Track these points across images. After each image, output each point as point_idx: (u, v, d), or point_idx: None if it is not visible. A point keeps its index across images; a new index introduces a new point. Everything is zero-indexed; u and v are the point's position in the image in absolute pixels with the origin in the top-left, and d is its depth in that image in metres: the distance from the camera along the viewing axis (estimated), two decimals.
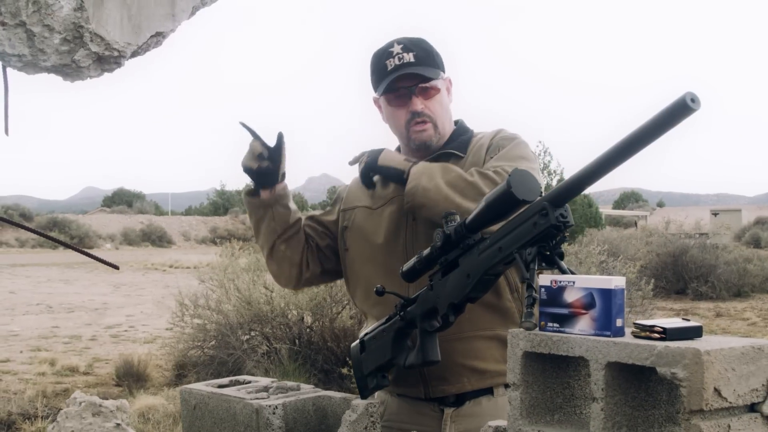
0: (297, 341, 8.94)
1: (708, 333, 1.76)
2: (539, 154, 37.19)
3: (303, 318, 9.13)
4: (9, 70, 2.88)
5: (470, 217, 2.12)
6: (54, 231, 51.31)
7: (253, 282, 9.31)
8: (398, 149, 2.90)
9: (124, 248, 52.97)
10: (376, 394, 2.82)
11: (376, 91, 2.84)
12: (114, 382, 9.55)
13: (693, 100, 1.61)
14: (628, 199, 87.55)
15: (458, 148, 2.76)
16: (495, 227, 2.07)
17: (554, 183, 33.60)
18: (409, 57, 2.70)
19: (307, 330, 9.08)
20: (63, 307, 18.89)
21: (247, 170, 2.76)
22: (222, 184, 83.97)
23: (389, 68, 2.72)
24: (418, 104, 2.71)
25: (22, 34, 2.69)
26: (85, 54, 2.77)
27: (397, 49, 2.72)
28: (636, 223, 46.42)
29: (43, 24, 2.67)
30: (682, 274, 20.10)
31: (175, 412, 7.40)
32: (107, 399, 3.05)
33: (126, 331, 14.86)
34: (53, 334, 14.31)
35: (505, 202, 2.00)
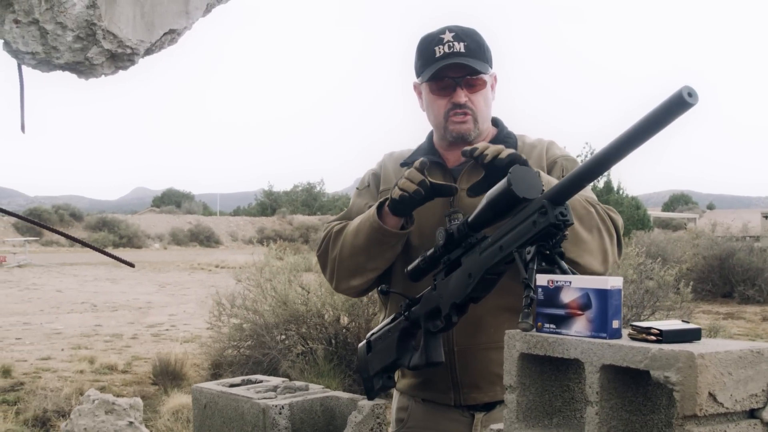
0: (333, 341, 8.93)
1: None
2: (586, 156, 36.97)
3: (339, 318, 9.12)
4: (26, 68, 2.89)
5: (472, 215, 2.09)
6: (103, 231, 51.97)
7: (290, 282, 9.31)
8: (430, 139, 2.84)
9: (173, 248, 53.45)
10: (398, 399, 2.79)
11: (418, 77, 2.76)
12: (151, 381, 9.61)
13: (690, 95, 1.57)
14: (678, 201, 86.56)
15: None
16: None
17: (601, 185, 33.39)
18: (460, 47, 2.61)
19: (343, 330, 9.08)
20: (107, 305, 19.07)
21: (412, 195, 2.44)
22: (270, 184, 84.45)
23: (437, 55, 2.63)
24: (462, 96, 2.64)
25: (35, 32, 2.70)
26: (98, 51, 2.77)
27: (448, 36, 2.63)
28: (685, 226, 45.88)
29: (55, 22, 2.68)
30: (728, 277, 19.78)
31: None
32: (141, 397, 3.05)
33: (167, 330, 14.96)
34: (95, 332, 14.44)
35: (506, 200, 1.97)
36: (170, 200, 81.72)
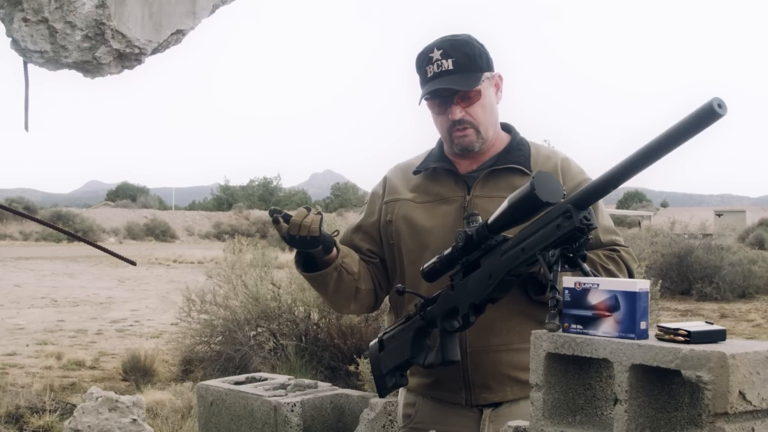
0: (304, 338, 8.95)
1: None
2: None
3: (310, 315, 9.14)
4: (30, 66, 2.89)
5: (493, 217, 2.14)
6: (58, 224, 51.27)
7: (261, 278, 9.31)
8: (440, 146, 2.86)
9: (128, 242, 52.95)
10: (405, 395, 2.83)
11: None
12: (121, 377, 9.57)
13: (720, 106, 1.63)
14: (632, 198, 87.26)
15: (522, 163, 2.71)
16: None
17: None
18: (448, 64, 2.63)
19: (314, 327, 9.10)
20: (68, 300, 18.90)
21: (309, 241, 2.56)
22: (226, 179, 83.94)
23: (429, 75, 2.66)
24: (458, 113, 2.66)
25: (44, 31, 2.70)
26: (106, 51, 2.78)
27: (436, 55, 2.65)
28: (639, 223, 46.31)
29: (65, 21, 2.68)
30: (686, 274, 20.05)
31: (182, 407, 7.41)
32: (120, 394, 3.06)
33: (131, 325, 14.87)
34: (59, 327, 14.33)
35: (529, 204, 2.02)
36: (124, 194, 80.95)
